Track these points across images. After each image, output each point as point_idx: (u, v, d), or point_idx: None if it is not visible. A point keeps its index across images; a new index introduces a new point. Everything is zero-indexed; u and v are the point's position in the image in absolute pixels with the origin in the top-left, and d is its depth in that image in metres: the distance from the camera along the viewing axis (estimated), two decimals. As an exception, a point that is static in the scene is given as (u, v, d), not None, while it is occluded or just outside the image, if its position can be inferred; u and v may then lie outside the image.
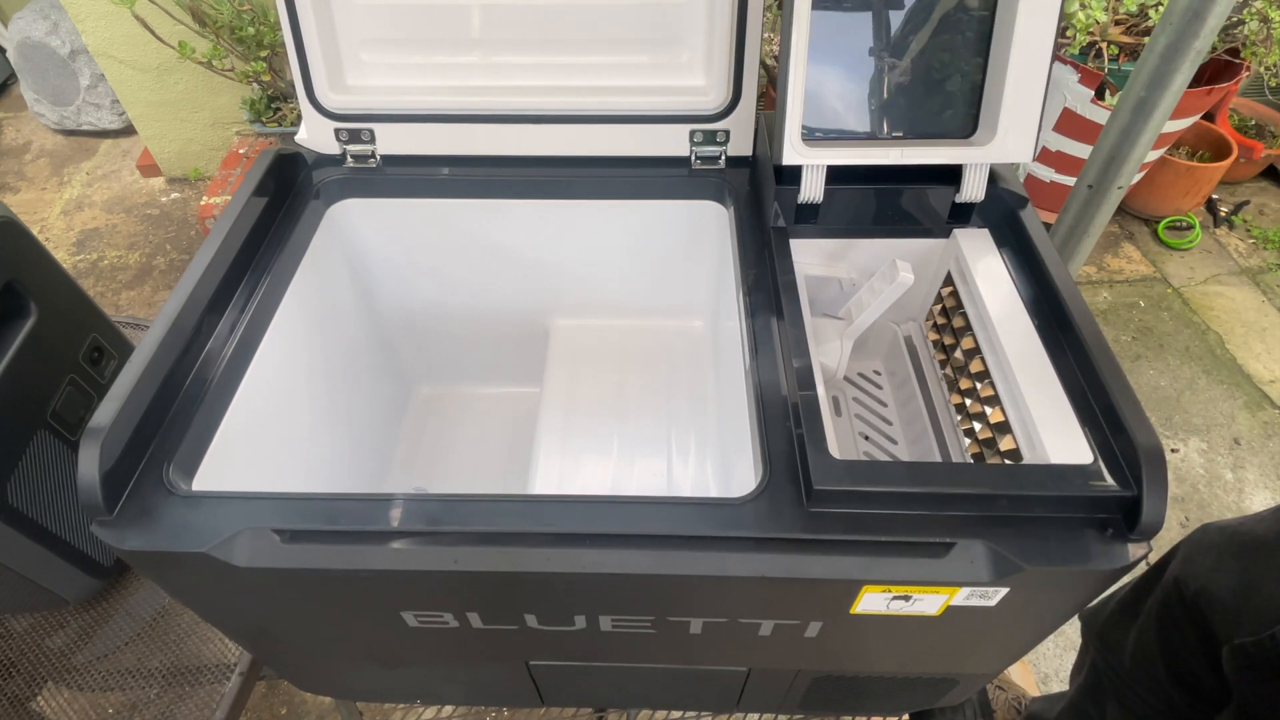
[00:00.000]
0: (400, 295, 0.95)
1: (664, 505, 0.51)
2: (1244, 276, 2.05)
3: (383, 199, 0.82)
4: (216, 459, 0.58)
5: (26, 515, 0.72)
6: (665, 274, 0.92)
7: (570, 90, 0.78)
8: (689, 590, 0.51)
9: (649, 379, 0.97)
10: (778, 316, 0.62)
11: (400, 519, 0.50)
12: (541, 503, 0.53)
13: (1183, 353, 1.86)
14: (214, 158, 2.29)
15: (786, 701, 0.75)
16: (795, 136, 0.63)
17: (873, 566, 0.48)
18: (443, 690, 0.81)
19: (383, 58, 0.77)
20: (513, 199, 0.82)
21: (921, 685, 0.71)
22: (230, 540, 0.49)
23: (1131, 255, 2.11)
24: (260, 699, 1.29)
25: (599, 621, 0.56)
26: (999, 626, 0.55)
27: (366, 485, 0.93)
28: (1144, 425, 0.49)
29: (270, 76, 1.90)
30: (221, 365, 0.62)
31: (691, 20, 0.74)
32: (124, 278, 2.08)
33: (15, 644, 0.85)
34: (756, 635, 0.57)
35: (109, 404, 0.52)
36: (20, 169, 2.44)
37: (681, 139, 0.78)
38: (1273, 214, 2.21)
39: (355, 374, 0.91)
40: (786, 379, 0.58)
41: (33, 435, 0.73)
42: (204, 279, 0.63)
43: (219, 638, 0.86)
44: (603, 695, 0.82)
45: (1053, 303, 0.60)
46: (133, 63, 2.05)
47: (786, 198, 0.68)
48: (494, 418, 1.08)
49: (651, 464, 0.90)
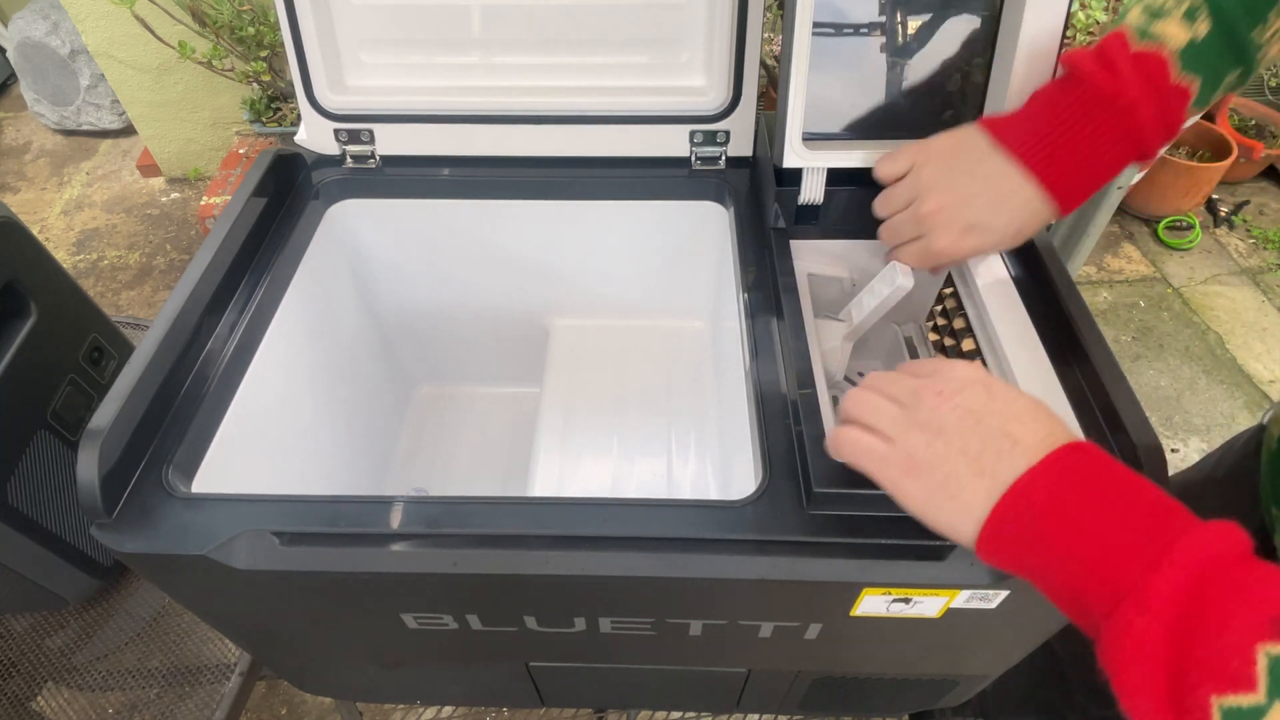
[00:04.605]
0: (400, 295, 0.95)
1: (664, 508, 0.51)
2: (1244, 276, 2.04)
3: (382, 199, 0.82)
4: (216, 461, 0.58)
5: (26, 515, 0.72)
6: (665, 274, 0.92)
7: (570, 90, 0.78)
8: (689, 593, 0.51)
9: (649, 379, 0.97)
10: (778, 317, 0.62)
11: (400, 521, 0.50)
12: (541, 505, 0.53)
13: (1183, 353, 1.86)
14: (214, 158, 2.29)
15: (786, 702, 0.75)
16: (796, 139, 0.63)
17: (873, 569, 0.48)
18: (443, 691, 0.81)
19: (382, 58, 0.77)
20: (513, 199, 0.82)
21: (921, 686, 0.71)
22: (230, 543, 0.49)
23: (1131, 255, 2.11)
24: (260, 699, 1.29)
25: (599, 623, 0.56)
26: (999, 628, 0.55)
27: (366, 485, 0.93)
28: (1144, 425, 0.49)
29: (270, 76, 1.90)
30: (221, 366, 0.62)
31: (691, 20, 0.74)
32: (124, 278, 2.08)
33: (15, 644, 0.85)
34: (756, 637, 0.57)
35: (109, 405, 0.52)
36: (20, 169, 2.44)
37: (681, 139, 0.78)
38: (1273, 214, 2.21)
39: (355, 374, 0.91)
40: (786, 380, 0.58)
41: (33, 435, 0.73)
42: (204, 279, 0.63)
43: (219, 638, 0.86)
44: (603, 696, 0.82)
45: (1052, 303, 0.60)
46: (133, 63, 2.05)
47: (787, 199, 0.68)
48: (494, 418, 1.07)
49: (651, 464, 0.90)
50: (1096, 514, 0.36)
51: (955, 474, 0.40)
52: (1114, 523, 0.36)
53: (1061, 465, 0.38)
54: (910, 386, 0.43)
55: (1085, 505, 0.36)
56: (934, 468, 0.40)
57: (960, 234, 0.56)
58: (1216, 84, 0.52)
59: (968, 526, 0.40)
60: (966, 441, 0.40)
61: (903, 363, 0.48)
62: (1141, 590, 0.34)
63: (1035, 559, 0.38)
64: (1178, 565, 0.33)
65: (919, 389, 0.43)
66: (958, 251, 0.57)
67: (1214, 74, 0.51)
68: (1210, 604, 0.32)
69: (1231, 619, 0.31)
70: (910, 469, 0.41)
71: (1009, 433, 0.39)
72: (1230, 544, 0.34)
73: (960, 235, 0.56)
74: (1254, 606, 0.31)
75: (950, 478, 0.40)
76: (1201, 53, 0.50)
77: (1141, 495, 0.37)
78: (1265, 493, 0.61)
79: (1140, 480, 0.38)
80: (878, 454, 0.43)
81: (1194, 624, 0.32)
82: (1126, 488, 0.37)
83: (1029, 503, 0.38)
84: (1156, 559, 0.34)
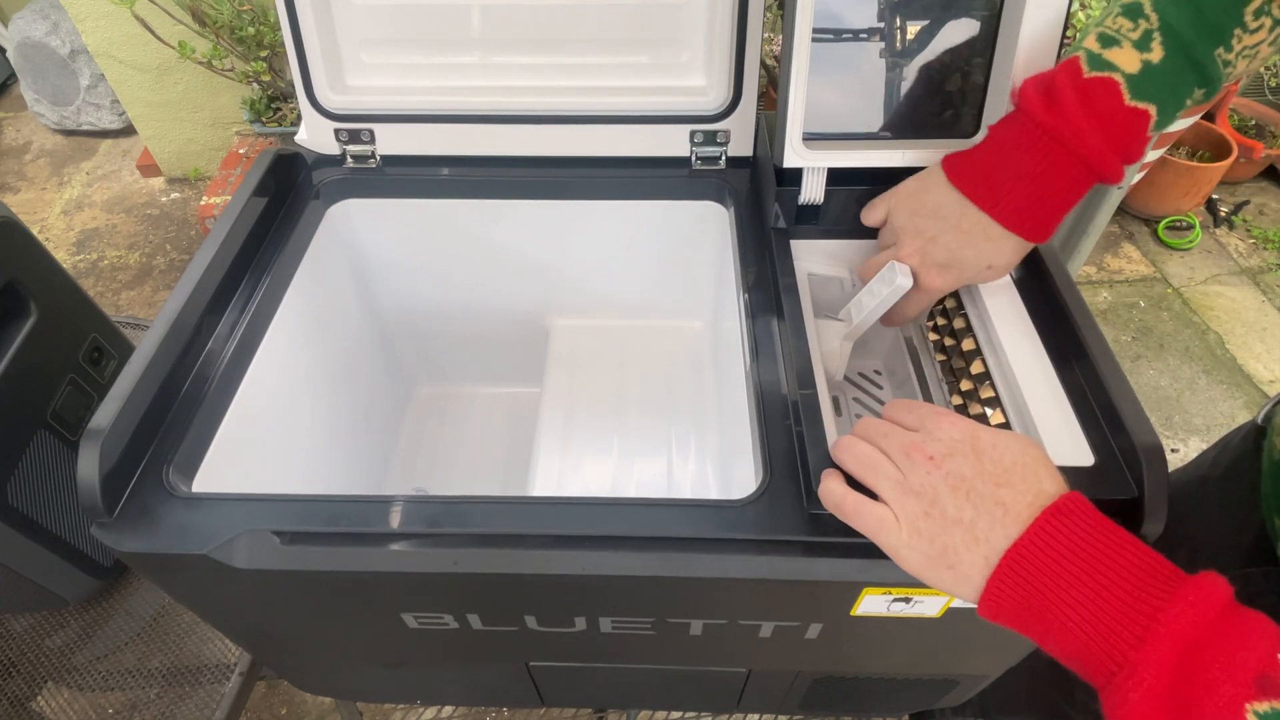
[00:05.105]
0: (400, 295, 0.95)
1: (664, 507, 0.51)
2: (1244, 276, 2.05)
3: (383, 199, 0.82)
4: (216, 460, 0.58)
5: (26, 515, 0.72)
6: (665, 274, 0.92)
7: (570, 90, 0.78)
8: (689, 592, 0.51)
9: (649, 379, 0.97)
10: (778, 317, 0.62)
11: (400, 521, 0.50)
12: (541, 504, 0.53)
13: (1183, 353, 1.86)
14: (214, 158, 2.29)
15: (786, 702, 0.75)
16: (796, 139, 0.63)
17: (873, 569, 0.48)
18: (443, 690, 0.81)
19: (382, 58, 0.77)
20: (513, 199, 0.82)
21: (921, 686, 0.71)
22: (230, 542, 0.49)
23: (1131, 255, 2.11)
24: (260, 699, 1.29)
25: (599, 623, 0.56)
26: (999, 628, 0.55)
27: (366, 485, 0.93)
28: (1144, 425, 0.49)
29: (270, 76, 1.90)
30: (221, 366, 0.62)
31: (691, 20, 0.74)
32: (124, 278, 2.08)
33: (15, 644, 0.85)
34: (757, 637, 0.57)
35: (109, 404, 0.52)
36: (20, 169, 2.44)
37: (681, 139, 0.78)
38: (1273, 214, 2.21)
39: (355, 374, 0.91)
40: (787, 380, 0.58)
41: (33, 435, 0.73)
42: (204, 279, 0.63)
43: (219, 638, 0.86)
44: (603, 696, 0.82)
45: (1053, 303, 0.60)
46: (133, 63, 2.05)
47: (787, 199, 0.68)
48: (494, 418, 1.07)
49: (651, 464, 0.90)
50: (1085, 586, 0.38)
51: (952, 546, 0.41)
52: (1102, 592, 0.38)
53: (1051, 530, 0.40)
54: (901, 445, 0.44)
55: (1074, 577, 0.38)
56: (932, 539, 0.42)
57: (938, 273, 0.59)
58: (1179, 104, 0.52)
59: (968, 593, 0.42)
60: (960, 512, 0.41)
61: (890, 403, 0.49)
62: (1134, 665, 0.36)
63: (1035, 627, 0.40)
64: (1165, 636, 0.36)
65: (909, 450, 0.44)
66: (942, 288, 0.59)
67: (1174, 95, 0.51)
68: (1198, 670, 0.34)
69: (1219, 685, 0.34)
70: (911, 539, 0.43)
71: (1000, 500, 0.41)
72: (1212, 602, 0.36)
73: (938, 274, 0.59)
74: (1238, 668, 0.34)
75: (948, 549, 0.41)
76: (1158, 76, 0.51)
77: (1125, 556, 0.38)
78: (1268, 505, 0.61)
79: (1124, 537, 0.39)
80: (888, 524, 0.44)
81: (1186, 691, 0.35)
82: (1112, 550, 0.39)
83: (1023, 575, 0.40)
84: (1144, 631, 0.36)
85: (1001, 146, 0.56)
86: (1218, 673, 0.34)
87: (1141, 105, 0.51)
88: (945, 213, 0.57)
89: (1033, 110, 0.53)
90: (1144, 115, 0.51)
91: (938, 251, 0.58)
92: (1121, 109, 0.51)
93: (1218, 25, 0.49)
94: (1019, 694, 1.00)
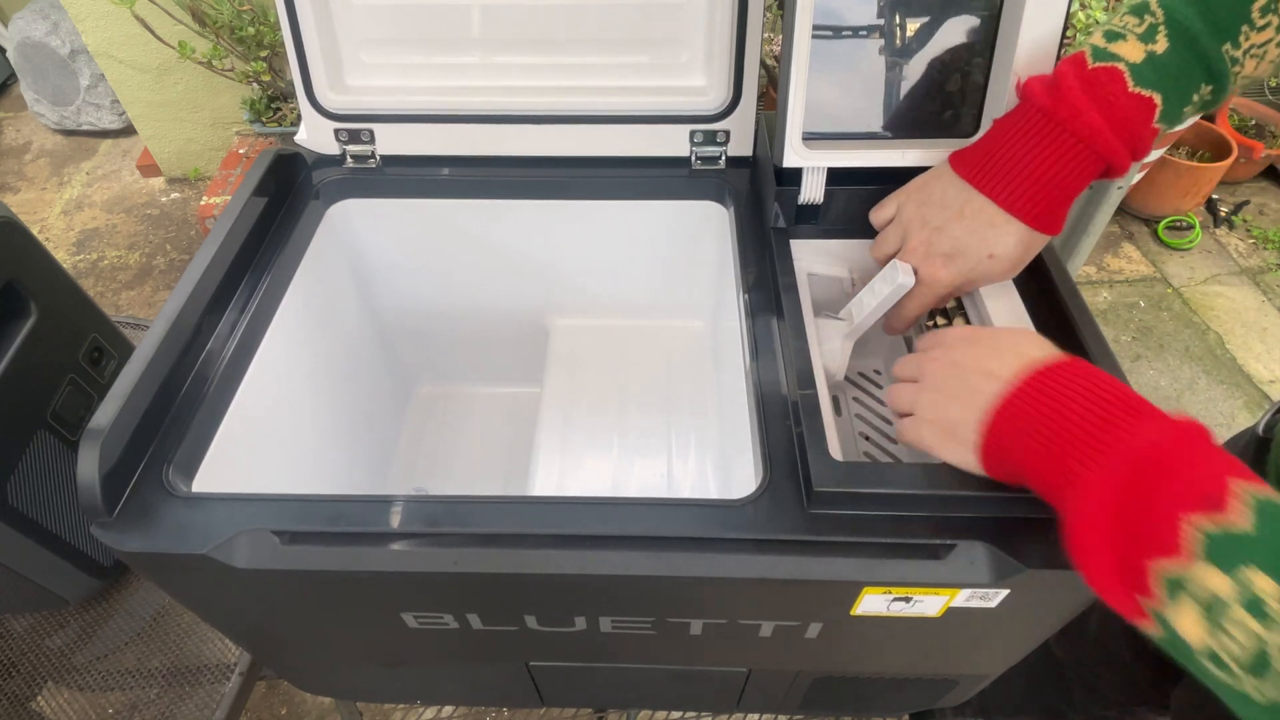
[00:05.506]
0: (400, 295, 0.95)
1: (664, 507, 0.51)
2: (1244, 276, 2.04)
3: (383, 199, 0.82)
4: (216, 460, 0.58)
5: (26, 515, 0.72)
6: (665, 274, 0.92)
7: (570, 90, 0.78)
8: (689, 592, 0.51)
9: (649, 379, 0.97)
10: (778, 317, 0.62)
11: (400, 520, 0.50)
12: (541, 504, 0.53)
13: (1183, 353, 1.86)
14: (214, 158, 2.29)
15: (786, 702, 0.75)
16: (796, 139, 0.63)
17: (873, 568, 0.48)
18: (443, 690, 0.81)
19: (382, 58, 0.77)
20: (513, 199, 0.82)
21: (922, 686, 0.71)
22: (230, 542, 0.49)
23: (1131, 255, 2.11)
24: (260, 699, 1.29)
25: (599, 623, 0.56)
26: (1000, 628, 0.55)
27: (366, 485, 0.93)
28: (1145, 426, 0.49)
29: (270, 76, 1.90)
30: (221, 365, 0.62)
31: (691, 20, 0.74)
32: (124, 278, 2.08)
33: (15, 644, 0.85)
34: (757, 636, 0.57)
35: (109, 404, 0.52)
36: (20, 169, 2.44)
37: (681, 139, 0.78)
38: (1273, 214, 2.21)
39: (355, 374, 0.91)
40: (787, 379, 0.58)
41: (33, 435, 0.73)
42: (204, 279, 0.63)
43: (219, 638, 0.86)
44: (603, 695, 0.82)
45: (1053, 303, 0.60)
46: (133, 63, 2.05)
47: (787, 198, 0.68)
48: (494, 418, 1.07)
49: (651, 464, 0.90)
50: (1063, 420, 0.40)
51: (950, 417, 0.46)
52: (1077, 421, 0.40)
53: (1035, 384, 0.43)
54: (915, 362, 0.51)
55: (1054, 413, 0.41)
56: (937, 420, 0.47)
57: (942, 263, 0.59)
58: (1185, 97, 0.52)
59: (971, 456, 0.46)
60: (955, 389, 0.46)
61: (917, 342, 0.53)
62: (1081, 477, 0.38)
63: (1025, 467, 0.42)
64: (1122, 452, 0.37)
65: (920, 361, 0.50)
66: (946, 280, 0.59)
67: (1178, 86, 0.52)
68: (1147, 483, 0.36)
69: (1161, 498, 0.35)
70: (930, 428, 0.48)
71: (988, 370, 0.45)
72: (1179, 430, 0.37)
73: (942, 264, 0.59)
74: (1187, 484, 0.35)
75: (948, 421, 0.46)
76: (1161, 66, 0.51)
77: (1105, 395, 0.40)
78: None
79: (1109, 382, 0.41)
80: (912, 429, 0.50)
81: (1131, 502, 0.37)
82: (1097, 391, 0.41)
83: (1009, 418, 0.43)
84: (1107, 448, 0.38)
85: (1005, 134, 0.56)
86: (1165, 486, 0.36)
87: (1145, 92, 0.51)
88: (950, 199, 0.58)
89: (1035, 97, 0.54)
90: (1148, 103, 0.51)
91: (943, 241, 0.58)
92: (1124, 95, 0.51)
93: (1224, 20, 0.50)
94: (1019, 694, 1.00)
